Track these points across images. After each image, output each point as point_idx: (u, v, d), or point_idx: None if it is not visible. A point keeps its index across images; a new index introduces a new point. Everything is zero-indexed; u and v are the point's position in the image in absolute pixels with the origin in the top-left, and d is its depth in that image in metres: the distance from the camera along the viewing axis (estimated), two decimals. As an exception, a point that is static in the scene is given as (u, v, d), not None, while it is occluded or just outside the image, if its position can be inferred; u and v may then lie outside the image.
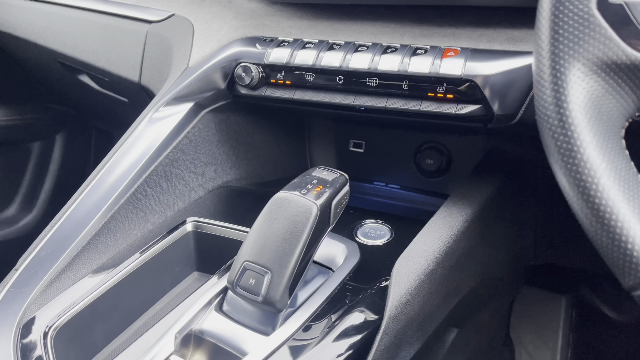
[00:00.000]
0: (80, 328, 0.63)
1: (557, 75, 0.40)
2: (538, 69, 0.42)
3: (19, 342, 0.58)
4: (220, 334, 0.60)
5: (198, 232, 0.78)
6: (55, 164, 1.72)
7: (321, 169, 0.69)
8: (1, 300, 0.62)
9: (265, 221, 0.62)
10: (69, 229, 0.69)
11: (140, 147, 0.78)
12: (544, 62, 0.41)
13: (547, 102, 0.41)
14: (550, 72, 0.41)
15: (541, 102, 0.42)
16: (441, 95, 0.72)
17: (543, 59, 0.41)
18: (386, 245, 0.76)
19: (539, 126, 0.42)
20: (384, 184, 1.05)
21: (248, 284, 0.60)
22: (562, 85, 0.40)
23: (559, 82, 0.40)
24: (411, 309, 0.65)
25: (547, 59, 0.41)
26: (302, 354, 0.58)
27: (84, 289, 0.65)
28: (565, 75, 0.40)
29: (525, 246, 1.06)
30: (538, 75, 0.42)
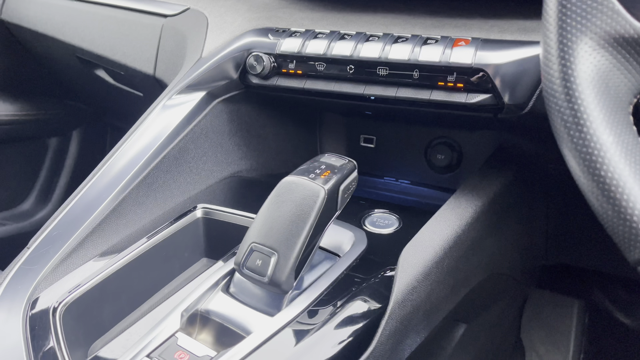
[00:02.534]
0: (88, 306, 0.63)
1: (564, 49, 0.40)
2: (546, 44, 0.42)
3: (28, 317, 0.59)
4: (225, 314, 0.60)
5: (208, 219, 0.79)
6: (71, 160, 1.75)
7: (330, 155, 0.69)
8: (13, 277, 0.63)
9: (273, 204, 0.63)
10: (80, 210, 0.70)
11: (153, 133, 0.79)
12: (552, 37, 0.41)
13: (554, 77, 0.41)
14: (557, 46, 0.41)
15: (548, 78, 0.42)
16: (451, 84, 0.72)
17: (550, 34, 0.41)
18: (394, 234, 0.76)
19: (546, 102, 0.42)
20: (394, 179, 1.05)
21: (255, 265, 0.60)
22: (569, 59, 0.40)
23: (566, 57, 0.40)
24: (417, 296, 0.64)
25: (555, 34, 0.41)
26: (306, 336, 0.58)
27: (94, 268, 0.66)
28: (573, 49, 0.40)
29: (536, 244, 1.05)
30: (545, 51, 0.42)
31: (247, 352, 0.55)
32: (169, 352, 0.55)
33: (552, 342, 1.35)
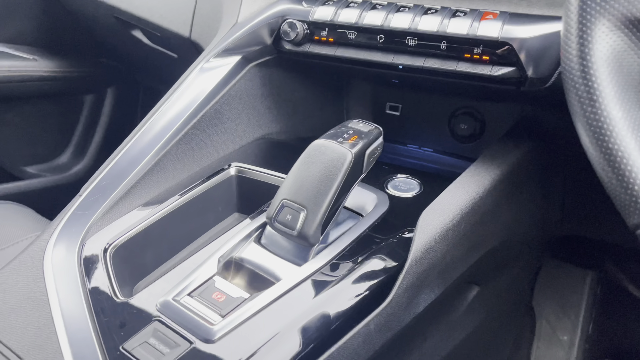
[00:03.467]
0: (133, 250, 0.70)
1: (583, 29, 0.43)
2: (566, 24, 0.45)
3: (82, 256, 0.66)
4: (257, 262, 0.66)
5: (240, 177, 0.84)
6: (105, 117, 1.82)
7: (357, 121, 0.74)
8: (67, 220, 0.70)
9: (304, 164, 0.68)
10: (126, 164, 0.76)
11: (191, 95, 0.84)
12: (572, 17, 0.44)
13: (572, 55, 0.44)
14: (577, 26, 0.44)
15: (567, 55, 0.45)
16: (477, 56, 0.74)
17: (572, 14, 0.44)
18: (414, 198, 0.80)
19: (563, 78, 0.46)
20: (417, 147, 1.09)
21: (285, 220, 0.65)
22: (587, 39, 0.43)
23: (585, 36, 0.43)
24: (434, 255, 0.69)
25: (575, 14, 0.44)
26: (329, 286, 0.63)
27: (138, 217, 0.72)
28: (591, 30, 0.43)
29: (552, 215, 1.08)
30: (566, 30, 0.45)
31: (276, 296, 0.61)
32: (207, 292, 0.62)
33: (563, 311, 1.39)
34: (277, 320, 0.58)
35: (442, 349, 0.90)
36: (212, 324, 0.57)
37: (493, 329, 1.11)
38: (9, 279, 0.63)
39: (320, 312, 0.60)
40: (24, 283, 0.62)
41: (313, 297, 0.62)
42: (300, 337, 0.57)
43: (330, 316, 0.60)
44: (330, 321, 0.60)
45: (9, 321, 0.57)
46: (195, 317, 0.58)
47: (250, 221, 0.73)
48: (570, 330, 1.37)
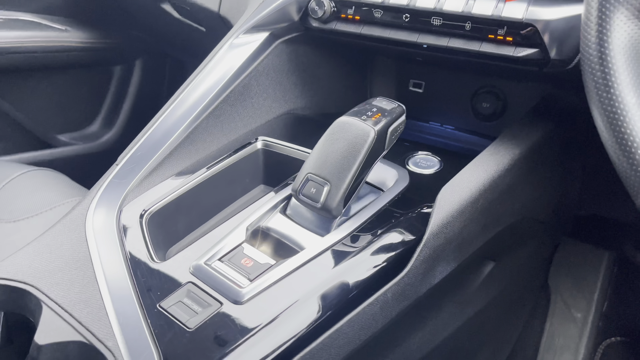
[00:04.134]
0: (167, 217, 0.75)
1: (602, 17, 0.45)
2: (587, 12, 0.47)
3: (120, 221, 0.71)
4: (282, 231, 0.70)
5: (266, 150, 0.88)
6: (133, 88, 1.86)
7: (381, 99, 0.76)
8: (106, 188, 0.74)
9: (328, 140, 0.71)
10: (160, 135, 0.80)
11: (221, 70, 0.87)
12: (593, 5, 0.46)
13: (590, 42, 0.46)
14: (597, 14, 0.45)
15: (585, 42, 0.47)
16: (501, 37, 0.76)
17: (592, 2, 0.46)
18: (434, 174, 0.83)
19: (581, 63, 0.48)
20: (439, 124, 1.11)
21: (310, 193, 0.69)
22: (605, 27, 0.45)
23: (604, 24, 0.45)
24: (451, 230, 0.72)
25: (596, 3, 0.45)
26: (350, 256, 0.67)
27: (171, 186, 0.77)
28: (610, 18, 0.44)
29: (571, 194, 1.10)
30: (586, 17, 0.47)
31: (300, 264, 0.65)
32: (236, 258, 0.66)
33: (578, 288, 1.41)
34: (300, 285, 0.63)
35: (456, 320, 0.94)
36: (241, 287, 0.62)
37: (507, 304, 1.14)
38: (55, 240, 0.68)
39: (340, 280, 0.64)
40: (68, 245, 0.67)
41: (334, 266, 0.66)
42: (321, 302, 0.62)
43: (349, 284, 0.64)
44: (350, 289, 0.64)
45: (56, 279, 0.63)
46: (225, 280, 0.63)
47: (276, 193, 0.77)
48: (584, 307, 1.39)
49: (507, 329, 1.23)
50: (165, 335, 0.56)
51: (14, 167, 1.23)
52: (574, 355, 1.32)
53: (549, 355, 1.33)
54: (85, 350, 0.56)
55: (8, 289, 0.62)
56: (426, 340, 0.87)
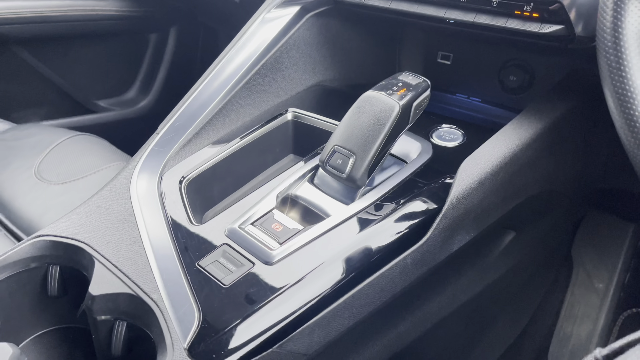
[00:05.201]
0: (203, 183, 0.80)
1: (618, 3, 0.47)
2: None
3: (161, 187, 0.77)
4: (310, 199, 0.75)
5: (296, 121, 0.92)
6: (168, 55, 1.92)
7: (407, 74, 0.79)
8: (147, 155, 0.80)
9: (354, 114, 0.75)
10: (196, 107, 0.85)
11: (254, 44, 0.91)
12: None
13: (606, 27, 0.48)
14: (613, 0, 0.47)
15: (601, 27, 0.49)
16: (527, 13, 0.77)
17: None
18: (457, 147, 0.86)
19: (597, 45, 0.50)
20: (466, 96, 1.12)
21: (336, 164, 0.73)
22: (621, 12, 0.47)
23: (619, 10, 0.47)
24: (470, 201, 0.76)
25: None
26: (373, 223, 0.72)
27: (207, 154, 0.82)
28: (625, 4, 0.46)
29: (594, 168, 1.11)
30: (603, 3, 0.49)
31: (326, 230, 0.70)
32: (267, 222, 0.72)
33: (601, 259, 1.42)
34: (326, 250, 0.68)
35: (476, 286, 0.98)
36: (272, 249, 0.67)
37: (527, 273, 1.17)
38: (103, 202, 0.74)
39: (363, 246, 0.69)
40: (115, 207, 0.73)
41: (357, 232, 0.70)
42: (344, 265, 0.67)
43: (371, 249, 0.69)
44: (371, 254, 0.68)
45: (105, 237, 0.69)
46: (257, 242, 0.68)
47: (304, 163, 0.82)
48: (606, 278, 1.41)
49: (527, 297, 1.27)
50: (203, 290, 0.63)
51: (60, 132, 1.31)
52: (593, 324, 1.34)
53: (568, 323, 1.36)
54: (132, 302, 0.63)
55: (63, 245, 0.70)
56: (445, 304, 0.92)
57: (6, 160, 1.22)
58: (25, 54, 1.63)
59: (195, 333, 0.58)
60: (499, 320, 1.18)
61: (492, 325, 1.16)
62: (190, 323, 0.59)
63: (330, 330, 0.65)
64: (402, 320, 0.84)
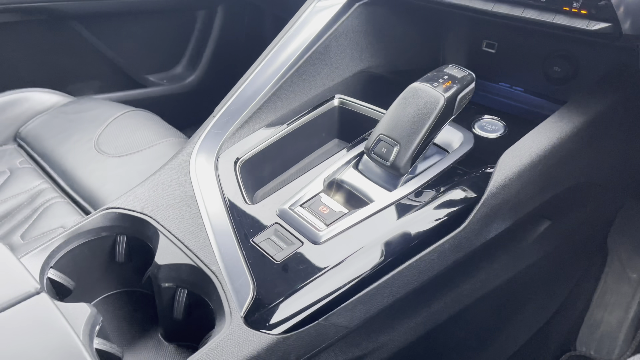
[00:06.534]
0: (255, 164, 0.86)
1: None
2: None
3: (218, 167, 0.83)
4: (355, 184, 0.80)
5: (342, 107, 0.97)
6: (215, 32, 1.97)
7: (453, 67, 0.82)
8: (205, 137, 0.87)
9: (400, 105, 0.78)
10: (251, 92, 0.91)
11: (306, 32, 0.95)
12: None
13: None
14: None
15: None
16: (575, 10, 0.78)
17: None
18: (498, 139, 0.88)
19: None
20: (508, 86, 1.13)
21: (380, 152, 0.78)
22: None
23: None
24: (508, 191, 0.79)
25: None
26: (414, 209, 0.76)
27: (259, 137, 0.88)
28: None
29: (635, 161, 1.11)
30: None
31: (370, 214, 0.75)
32: (315, 205, 0.77)
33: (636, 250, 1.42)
34: (369, 233, 0.73)
35: (508, 271, 1.02)
36: (319, 230, 0.73)
37: (560, 261, 1.19)
38: (165, 180, 0.81)
39: (403, 230, 0.73)
40: (177, 184, 0.80)
41: (399, 217, 0.75)
42: (386, 248, 0.72)
43: (411, 234, 0.73)
44: (411, 238, 0.73)
45: (168, 212, 0.76)
46: (306, 223, 0.74)
47: (350, 149, 0.86)
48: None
49: (559, 284, 1.29)
50: (257, 265, 0.69)
51: (116, 107, 1.39)
52: (624, 312, 1.35)
53: (599, 311, 1.38)
54: (193, 272, 0.69)
55: (131, 218, 0.77)
56: (477, 288, 0.96)
57: (68, 132, 1.30)
58: (82, 30, 1.71)
59: (250, 303, 0.64)
60: (529, 305, 1.21)
61: (522, 309, 1.20)
62: (245, 294, 0.65)
63: (370, 307, 0.71)
64: (436, 301, 0.89)
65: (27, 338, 0.53)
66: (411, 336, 0.88)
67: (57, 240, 0.74)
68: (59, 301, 0.65)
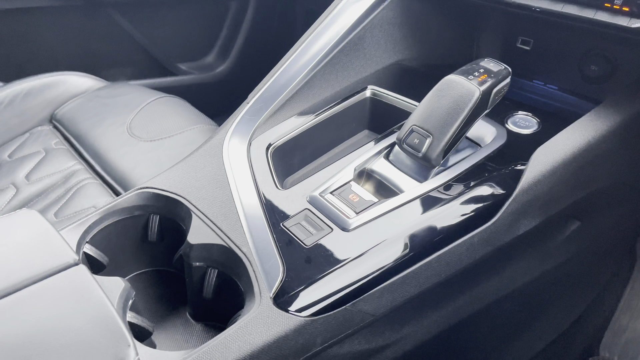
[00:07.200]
0: (286, 151, 0.87)
1: None
2: None
3: (250, 152, 0.84)
4: (385, 175, 0.80)
5: (374, 99, 0.97)
6: (247, 24, 1.98)
7: (489, 60, 0.81)
8: (238, 122, 0.88)
9: (435, 96, 0.78)
10: (284, 80, 0.91)
11: (340, 22, 0.96)
12: None
13: None
14: None
15: None
16: (617, 7, 0.77)
17: None
18: (532, 135, 0.87)
19: None
20: (542, 83, 1.12)
21: (413, 142, 0.78)
22: None
23: None
24: (540, 188, 0.78)
25: None
26: (444, 202, 0.76)
27: (291, 125, 0.89)
28: None
29: None
30: None
31: (399, 204, 0.75)
32: (345, 192, 0.78)
33: (666, 254, 1.39)
34: (398, 222, 0.73)
35: (535, 270, 1.01)
36: (349, 217, 0.73)
37: (588, 263, 1.18)
38: (198, 162, 0.83)
39: (433, 222, 0.73)
40: (210, 167, 0.81)
41: (429, 209, 0.75)
42: (415, 239, 0.72)
43: (441, 226, 0.73)
44: (441, 230, 0.73)
45: (201, 194, 0.78)
46: (336, 210, 0.74)
47: (381, 140, 0.87)
48: (669, 275, 1.38)
49: (585, 287, 1.27)
50: (287, 248, 0.70)
51: (148, 93, 1.41)
52: (651, 319, 1.33)
53: (625, 316, 1.36)
54: (225, 252, 0.71)
55: (164, 198, 0.78)
56: (503, 285, 0.95)
57: (102, 115, 1.33)
58: (117, 16, 1.74)
59: (280, 285, 0.65)
60: (554, 306, 1.20)
61: (547, 310, 1.19)
62: (275, 276, 0.66)
63: (397, 296, 0.71)
64: (461, 295, 0.88)
65: (66, 306, 0.54)
66: (435, 329, 0.88)
67: (93, 217, 0.76)
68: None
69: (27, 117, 1.39)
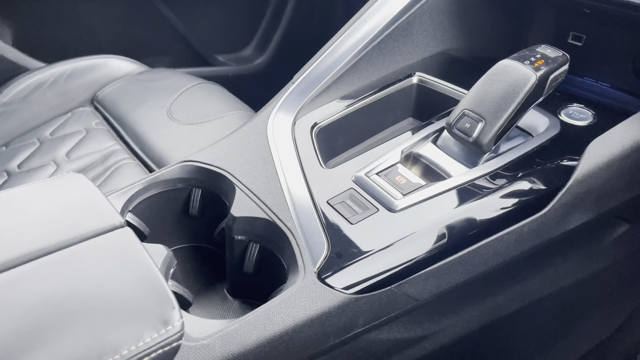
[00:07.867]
0: (330, 133, 0.86)
1: None
2: None
3: (294, 130, 0.83)
4: (433, 159, 0.78)
5: (420, 85, 0.95)
6: (286, 18, 1.98)
7: (545, 47, 0.79)
8: (284, 101, 0.87)
9: (488, 80, 0.76)
10: (331, 62, 0.90)
11: (390, 7, 0.94)
12: None
13: None
14: None
15: None
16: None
17: None
18: (586, 127, 0.84)
19: None
20: (594, 80, 1.08)
21: (464, 127, 0.75)
22: None
23: None
24: (595, 181, 0.75)
25: None
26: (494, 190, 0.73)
27: (336, 107, 0.87)
28: None
29: None
30: None
31: (447, 189, 0.73)
32: (391, 175, 0.76)
33: None
34: (447, 207, 0.71)
35: (578, 273, 0.97)
36: (395, 198, 0.71)
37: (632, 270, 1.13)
38: (243, 139, 0.82)
39: (482, 208, 0.71)
40: (254, 144, 0.80)
41: (478, 195, 0.73)
42: (463, 224, 0.69)
43: (491, 213, 0.71)
44: (490, 217, 0.71)
45: (245, 169, 0.77)
46: (382, 190, 0.72)
47: (429, 125, 0.84)
48: None
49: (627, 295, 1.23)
50: (332, 225, 0.68)
51: (188, 78, 1.42)
52: (693, 336, 1.28)
53: (666, 331, 1.30)
54: (268, 226, 0.69)
55: (208, 171, 0.78)
56: (545, 285, 0.92)
57: (142, 98, 1.35)
58: (160, 5, 1.76)
59: (324, 261, 0.64)
60: (595, 313, 1.16)
61: (587, 317, 1.15)
62: (320, 252, 0.64)
63: (442, 282, 0.69)
64: (502, 291, 0.86)
65: (112, 265, 0.54)
66: (474, 324, 0.85)
67: (137, 186, 0.75)
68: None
69: (70, 98, 1.41)
